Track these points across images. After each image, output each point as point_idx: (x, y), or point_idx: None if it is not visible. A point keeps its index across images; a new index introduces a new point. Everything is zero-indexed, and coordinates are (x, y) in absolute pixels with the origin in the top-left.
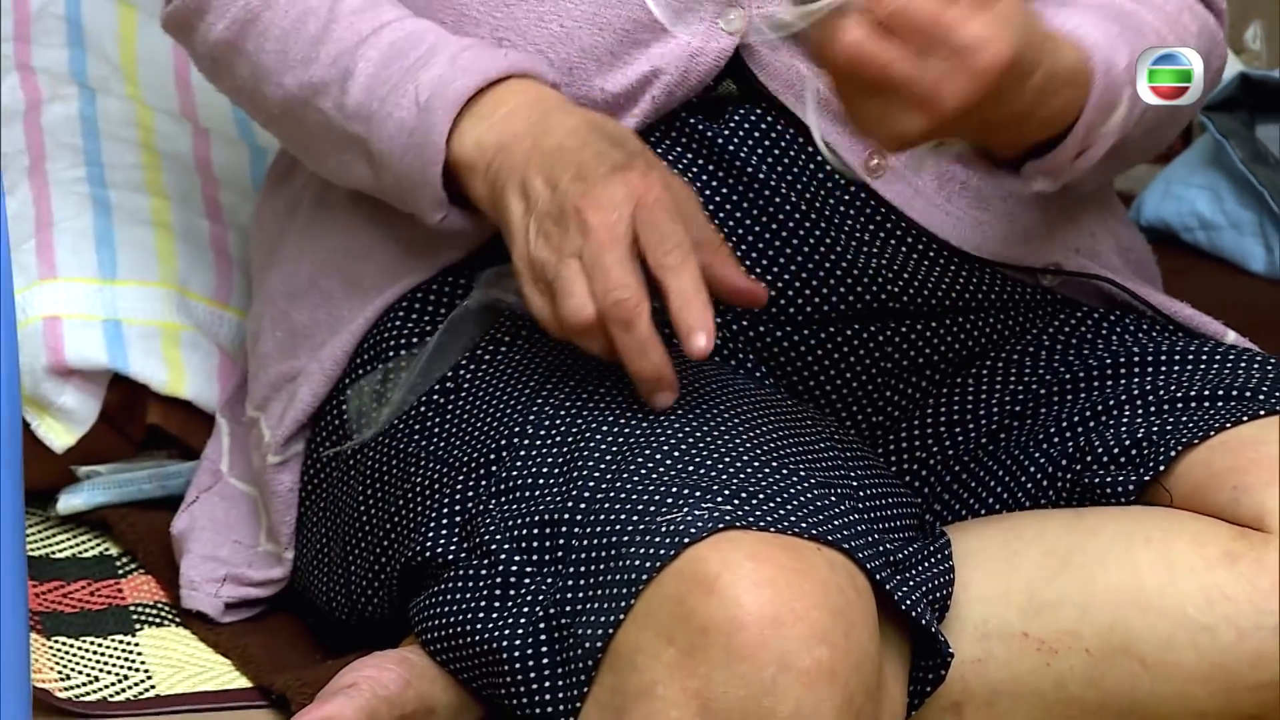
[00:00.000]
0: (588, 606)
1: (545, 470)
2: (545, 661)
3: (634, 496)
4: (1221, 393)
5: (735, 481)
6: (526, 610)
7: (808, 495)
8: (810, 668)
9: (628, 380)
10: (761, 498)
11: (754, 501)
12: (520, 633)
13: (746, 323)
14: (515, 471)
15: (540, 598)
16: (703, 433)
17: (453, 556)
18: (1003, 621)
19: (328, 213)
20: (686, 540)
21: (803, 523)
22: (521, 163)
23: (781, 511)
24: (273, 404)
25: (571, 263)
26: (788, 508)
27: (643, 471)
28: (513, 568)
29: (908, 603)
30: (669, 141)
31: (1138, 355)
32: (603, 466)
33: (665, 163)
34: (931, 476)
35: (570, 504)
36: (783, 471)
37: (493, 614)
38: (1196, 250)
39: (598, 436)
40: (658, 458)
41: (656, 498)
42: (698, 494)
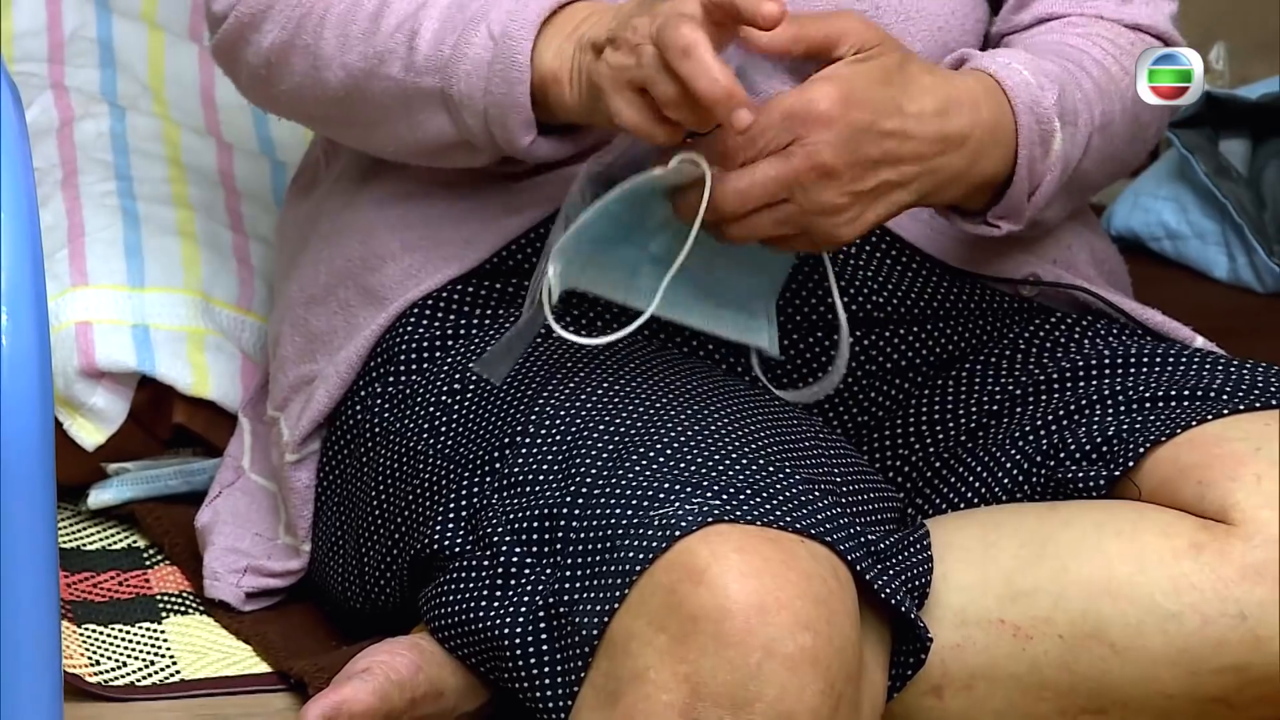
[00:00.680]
0: (585, 596)
1: (545, 467)
2: (545, 647)
3: (628, 492)
4: (1188, 393)
5: (724, 478)
6: (527, 599)
7: (792, 490)
8: (794, 653)
9: (622, 382)
10: (749, 493)
11: (741, 497)
12: (521, 620)
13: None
14: (517, 468)
15: (540, 587)
16: (694, 431)
17: (459, 549)
18: (981, 609)
19: (345, 224)
20: (678, 533)
21: (787, 516)
22: (593, 35)
23: (767, 506)
24: (292, 405)
25: (646, 46)
26: (773, 502)
27: (637, 468)
28: (514, 559)
29: (887, 591)
30: None
31: (1108, 358)
32: (599, 464)
33: None
34: (914, 472)
35: (569, 499)
36: (769, 468)
37: (495, 603)
38: (1163, 259)
39: (594, 435)
40: (651, 455)
41: (650, 493)
42: (688, 490)
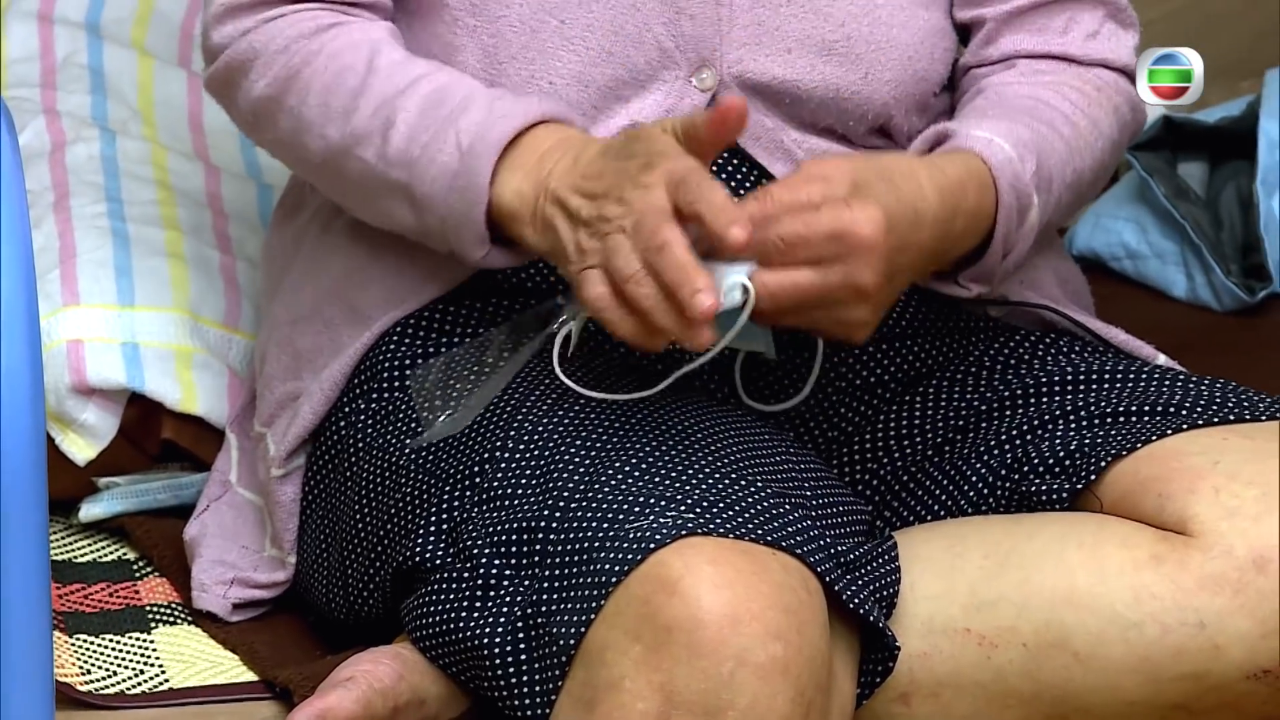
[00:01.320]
0: (562, 607)
1: (523, 481)
2: (523, 657)
3: (604, 505)
4: (1148, 408)
5: (697, 492)
6: (506, 610)
7: (764, 504)
8: (765, 663)
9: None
10: (721, 506)
11: (714, 510)
12: (500, 630)
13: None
14: (496, 482)
15: (519, 598)
16: (667, 447)
17: (439, 561)
18: (947, 618)
19: (330, 246)
20: (652, 546)
21: (759, 529)
22: (560, 192)
23: (739, 519)
24: (278, 421)
25: (617, 235)
26: (745, 515)
27: (613, 483)
28: (493, 571)
29: (856, 601)
30: None
31: (1070, 374)
32: (576, 478)
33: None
34: (882, 486)
35: (546, 512)
36: (741, 482)
37: (475, 613)
38: (1123, 278)
39: (571, 451)
40: (626, 470)
41: (625, 506)
42: (663, 503)
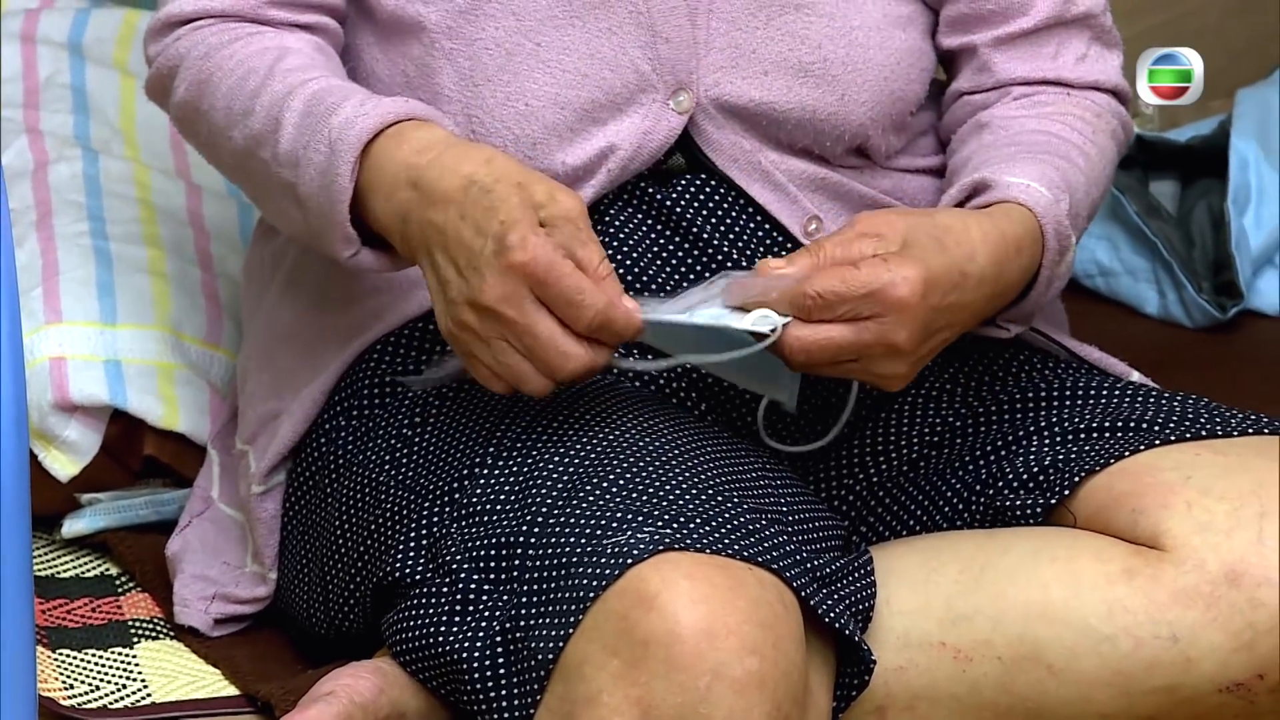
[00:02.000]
0: (540, 621)
1: (502, 497)
2: (502, 671)
3: (582, 521)
4: (1120, 424)
5: (674, 507)
6: (485, 624)
7: (740, 520)
8: (741, 677)
9: (576, 416)
10: (698, 522)
11: (691, 525)
12: (479, 645)
13: (690, 364)
14: (475, 498)
15: (497, 613)
16: (645, 463)
17: (419, 576)
18: (922, 632)
19: (309, 264)
20: (630, 561)
21: (735, 545)
22: (420, 231)
23: (716, 534)
24: (260, 439)
25: (497, 344)
26: (722, 531)
27: (590, 498)
28: (472, 586)
29: (832, 615)
30: (621, 203)
31: (1044, 391)
32: (554, 494)
33: (544, 188)
34: (858, 501)
35: (525, 528)
36: (718, 498)
37: (454, 628)
38: (1096, 295)
39: (549, 467)
40: (604, 485)
41: (603, 522)
42: (640, 519)
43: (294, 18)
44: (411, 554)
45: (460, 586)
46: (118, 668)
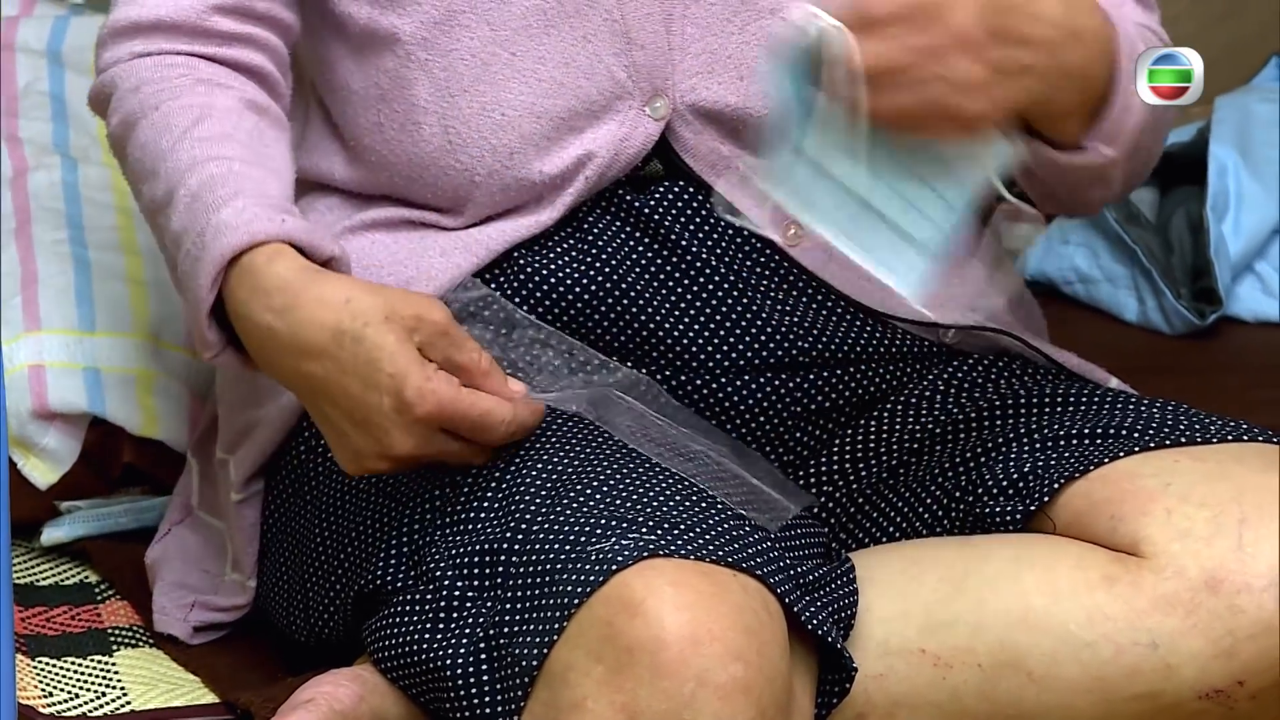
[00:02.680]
0: (524, 628)
1: (485, 505)
2: (485, 678)
3: (566, 528)
4: (1100, 431)
5: (658, 514)
6: (468, 632)
7: (723, 526)
8: (726, 683)
9: (559, 425)
10: (682, 528)
11: (675, 532)
12: (463, 652)
13: (670, 372)
14: (458, 506)
15: (481, 620)
16: (627, 470)
17: (401, 583)
18: (903, 639)
19: None
20: (614, 567)
21: (719, 551)
22: (297, 380)
23: (700, 541)
24: (239, 448)
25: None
26: (706, 537)
27: (574, 505)
28: (455, 593)
29: (814, 622)
30: (599, 210)
31: (1023, 398)
32: (538, 501)
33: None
34: (838, 508)
35: (508, 535)
36: (701, 505)
37: (437, 635)
38: (1075, 302)
39: (532, 474)
40: (588, 493)
41: (587, 529)
42: (624, 525)
43: (238, 28)
44: (393, 561)
45: (444, 594)
46: (97, 676)
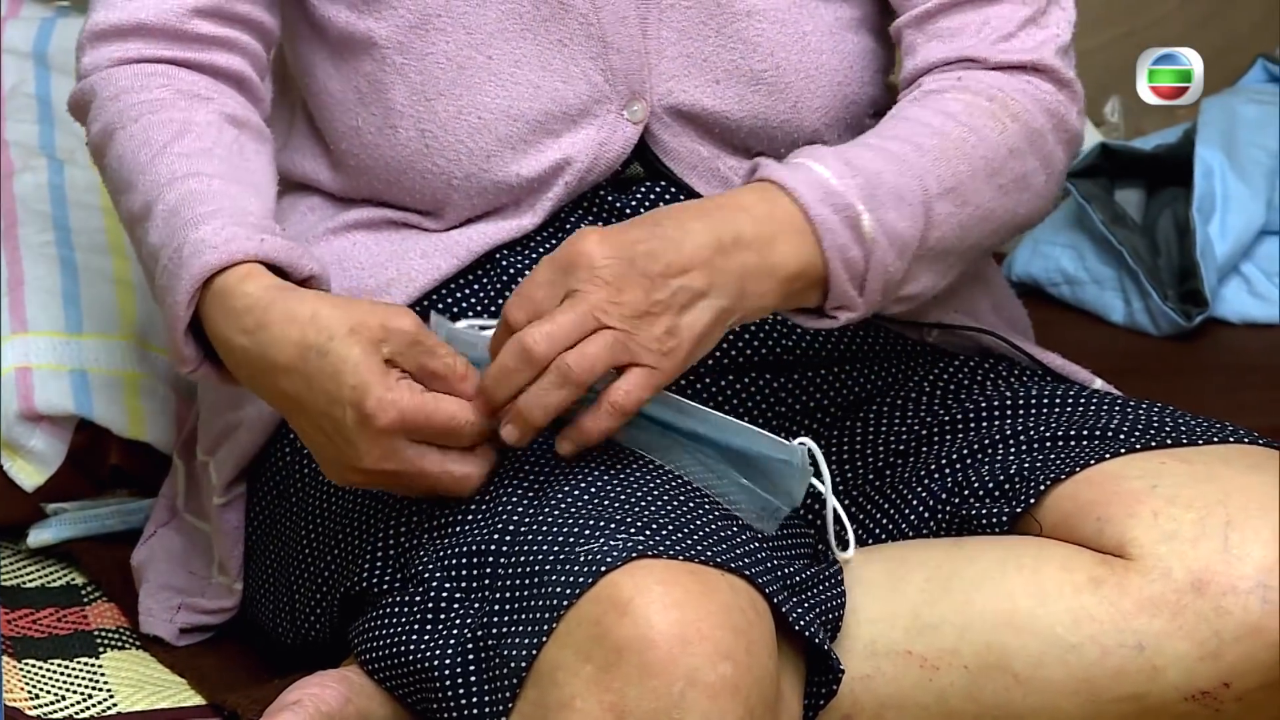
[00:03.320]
0: (513, 629)
1: (472, 506)
2: (474, 679)
3: (554, 529)
4: (1086, 433)
5: (646, 514)
6: (456, 632)
7: (712, 527)
8: (715, 682)
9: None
10: (670, 529)
11: (664, 533)
12: (450, 653)
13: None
14: (446, 508)
15: (469, 621)
16: (615, 471)
17: (388, 585)
18: (889, 641)
19: None
20: (603, 568)
21: (708, 551)
22: (273, 398)
23: (688, 541)
24: (219, 450)
25: (394, 486)
26: (694, 538)
27: (562, 506)
28: (443, 594)
29: (802, 623)
30: (581, 212)
31: (1010, 399)
32: (525, 502)
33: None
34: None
35: (496, 536)
36: (689, 505)
37: (425, 636)
38: (1062, 303)
39: (520, 475)
40: (575, 494)
41: (575, 529)
42: (612, 526)
43: (218, 31)
44: (380, 563)
45: (431, 595)
46: (84, 677)
